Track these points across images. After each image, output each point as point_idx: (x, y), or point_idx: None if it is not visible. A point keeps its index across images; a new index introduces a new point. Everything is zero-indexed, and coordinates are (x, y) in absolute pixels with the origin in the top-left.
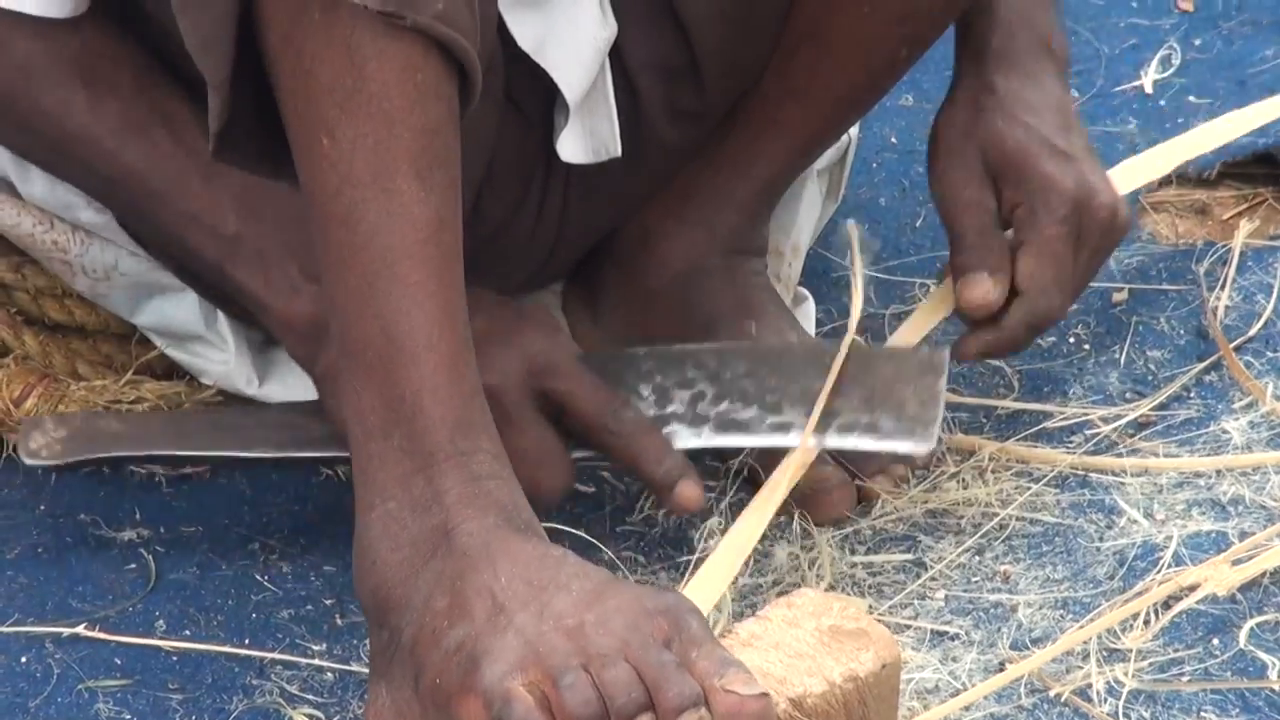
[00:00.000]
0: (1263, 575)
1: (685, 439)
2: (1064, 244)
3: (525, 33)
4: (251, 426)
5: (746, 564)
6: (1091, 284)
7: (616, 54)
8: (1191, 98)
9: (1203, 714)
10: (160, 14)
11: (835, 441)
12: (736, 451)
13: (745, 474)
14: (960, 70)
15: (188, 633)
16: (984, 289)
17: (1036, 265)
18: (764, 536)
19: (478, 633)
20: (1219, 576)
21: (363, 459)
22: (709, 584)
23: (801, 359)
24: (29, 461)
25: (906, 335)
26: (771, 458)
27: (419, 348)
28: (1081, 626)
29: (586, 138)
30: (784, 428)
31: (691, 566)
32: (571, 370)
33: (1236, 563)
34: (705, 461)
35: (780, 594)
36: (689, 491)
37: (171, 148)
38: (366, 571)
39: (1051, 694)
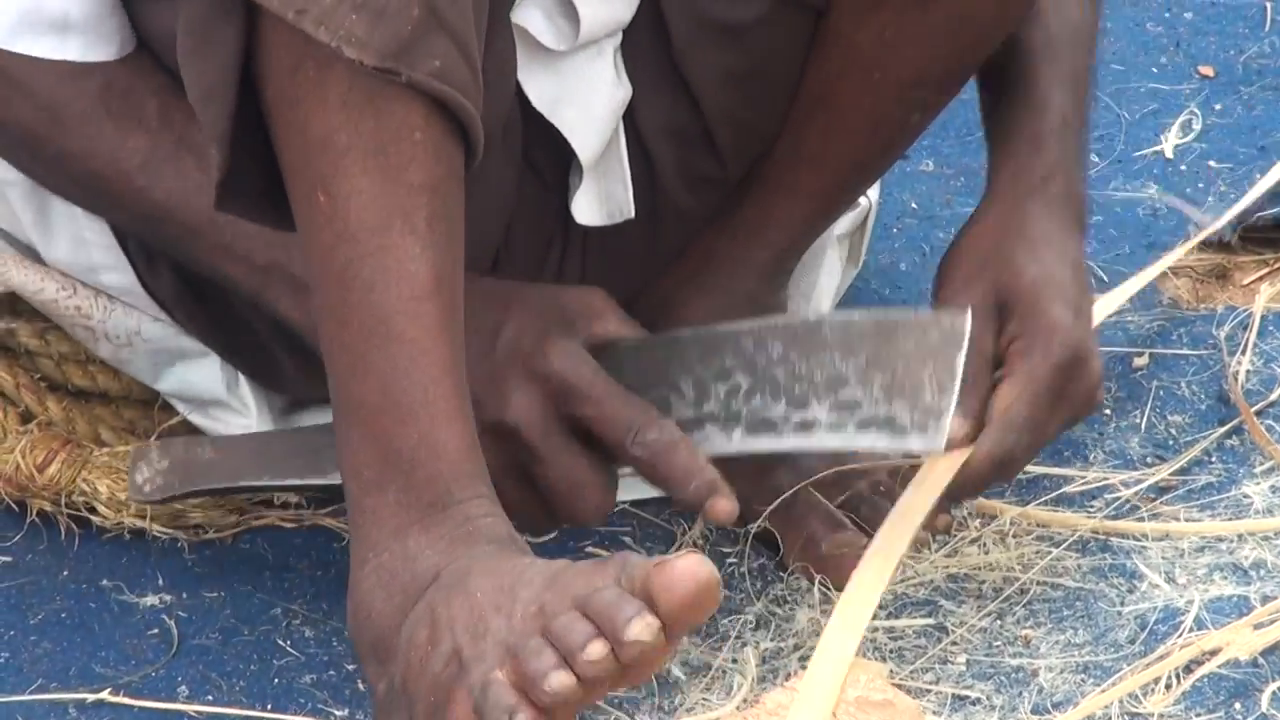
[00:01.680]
0: None
1: (718, 444)
2: (1048, 390)
3: (540, 93)
4: (330, 447)
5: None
6: (1113, 348)
7: (630, 118)
8: (1212, 163)
9: None
10: (167, 56)
11: (853, 440)
12: (756, 515)
13: (762, 536)
14: (994, 190)
15: (210, 698)
16: (959, 424)
17: (1016, 401)
18: (784, 601)
19: (460, 645)
20: (1241, 640)
21: (357, 514)
22: (860, 600)
23: (832, 337)
24: (136, 499)
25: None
26: (788, 520)
27: (415, 404)
28: (1103, 691)
29: (602, 199)
30: (808, 426)
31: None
32: (591, 391)
33: (1258, 627)
34: (720, 531)
35: (802, 659)
36: (721, 507)
37: (200, 180)
38: (363, 626)
39: None
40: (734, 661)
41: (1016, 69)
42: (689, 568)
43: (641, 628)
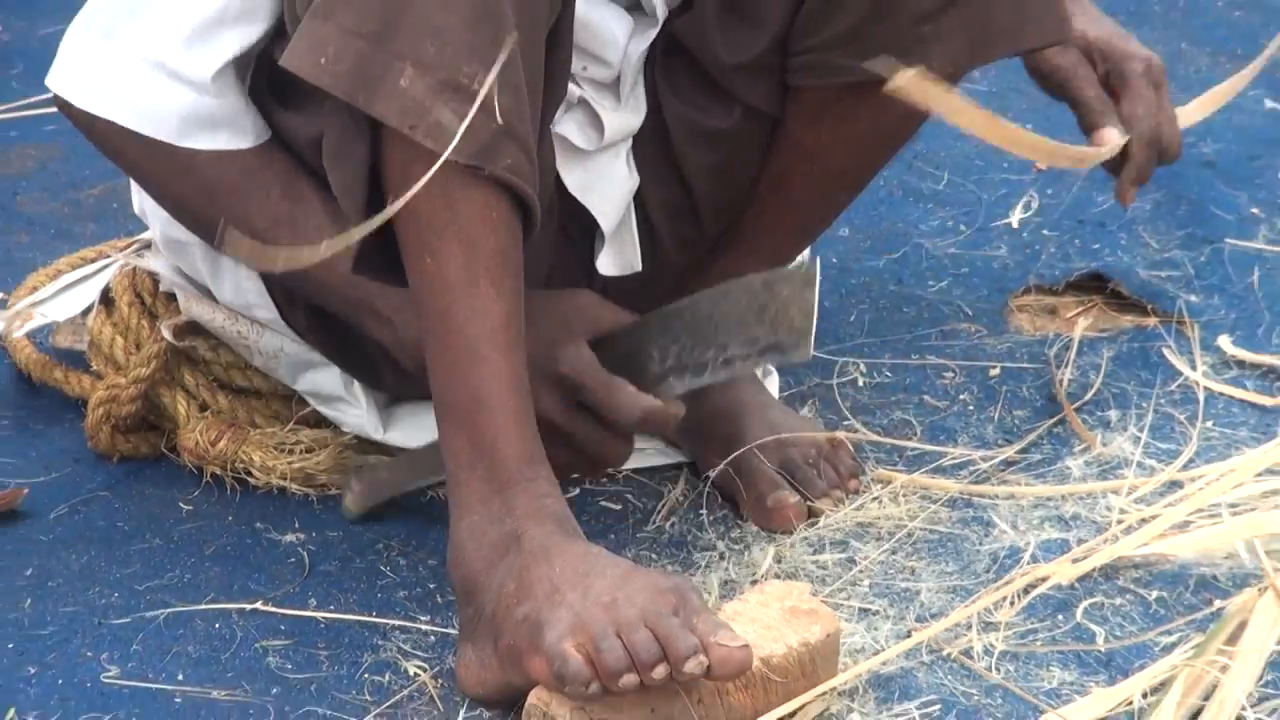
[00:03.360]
0: (1093, 570)
1: (678, 388)
2: (1147, 88)
3: (574, 181)
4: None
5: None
6: (975, 363)
7: (639, 198)
8: (1045, 231)
9: (1050, 669)
10: (293, 146)
11: (758, 364)
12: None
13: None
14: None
15: (332, 607)
16: (1116, 135)
17: (1135, 107)
18: (740, 540)
19: (539, 607)
20: (1062, 571)
21: (454, 485)
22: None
23: (737, 296)
24: (349, 515)
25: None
26: (742, 482)
27: (495, 406)
28: (966, 606)
29: (617, 257)
30: (729, 362)
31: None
32: (588, 383)
33: (1075, 561)
34: (693, 492)
35: (753, 582)
36: (670, 410)
37: (310, 237)
38: (457, 564)
39: (944, 653)
40: (703, 583)
41: None
42: (742, 659)
43: (695, 665)
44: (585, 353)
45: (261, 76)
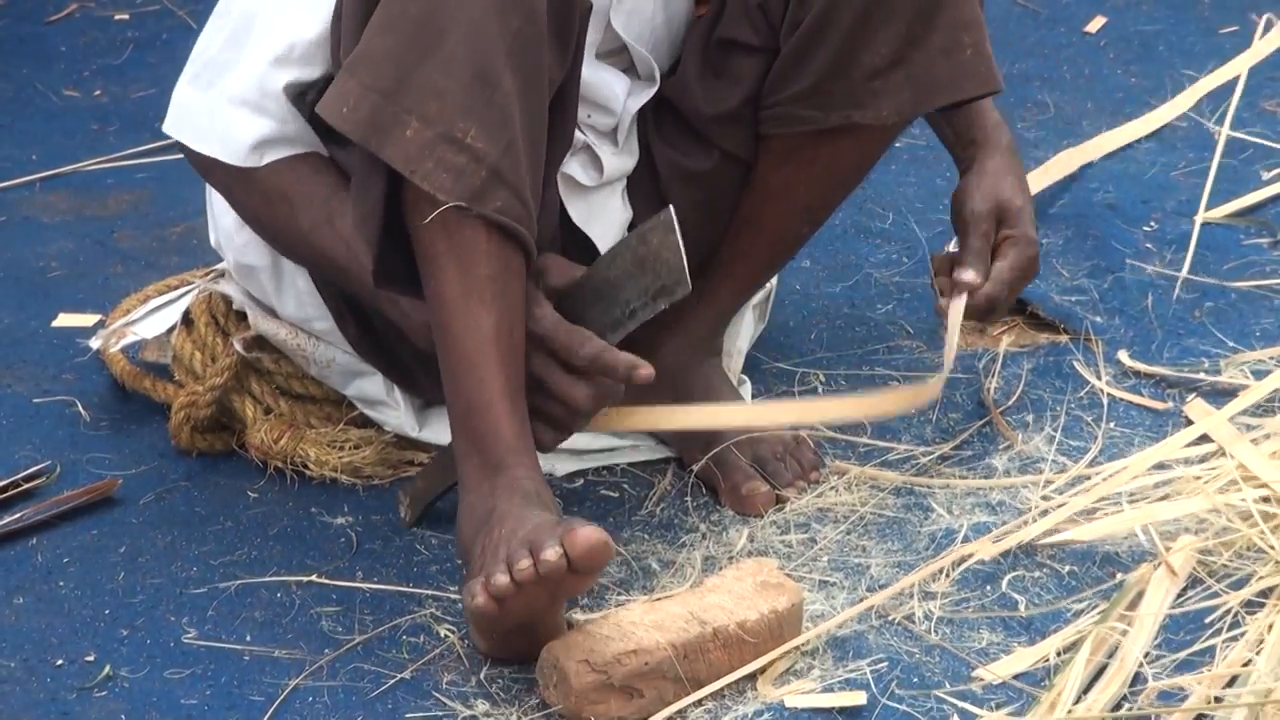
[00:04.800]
0: (1015, 548)
1: (620, 335)
2: (1020, 266)
3: (577, 212)
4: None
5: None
6: (914, 374)
7: (631, 227)
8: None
9: (980, 631)
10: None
11: (660, 306)
12: (697, 460)
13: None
14: (968, 157)
15: (375, 579)
16: (973, 274)
17: (1006, 270)
18: (719, 523)
19: (486, 557)
20: (987, 549)
21: (460, 473)
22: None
23: (641, 254)
24: (405, 524)
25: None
26: (719, 473)
27: (484, 406)
28: (908, 578)
29: None
30: (648, 305)
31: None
32: (553, 336)
33: (997, 540)
34: (679, 482)
35: (730, 560)
36: (642, 372)
37: (346, 239)
38: (459, 537)
39: (890, 619)
40: (688, 560)
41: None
42: (590, 534)
43: (552, 554)
44: (548, 311)
45: (320, 119)
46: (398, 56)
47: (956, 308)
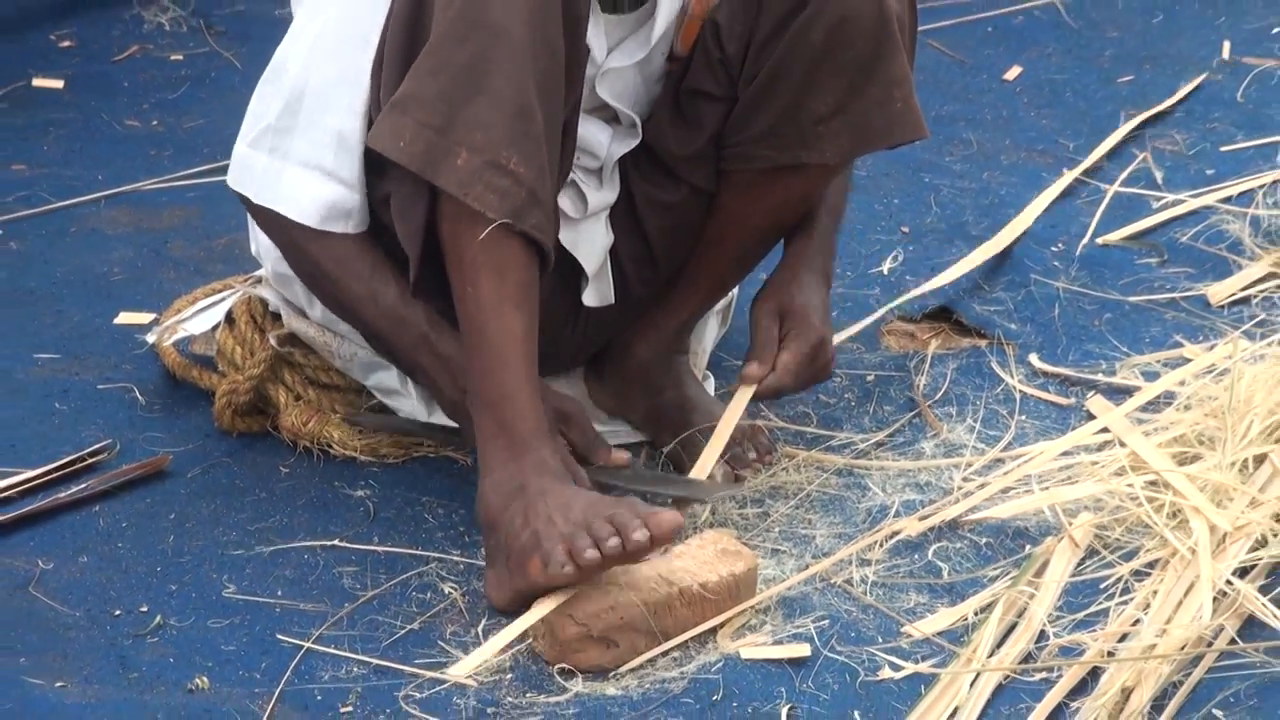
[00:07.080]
0: (940, 523)
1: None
2: (805, 358)
3: (566, 238)
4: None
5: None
6: (858, 371)
7: (613, 250)
8: (908, 277)
9: (909, 594)
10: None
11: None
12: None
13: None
14: (785, 260)
15: (390, 544)
16: (756, 369)
17: (786, 362)
18: (692, 502)
19: (537, 529)
20: (914, 525)
21: (482, 452)
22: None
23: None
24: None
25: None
26: (689, 456)
27: (512, 395)
28: (848, 547)
29: (597, 293)
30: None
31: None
32: (569, 419)
33: (923, 518)
34: (650, 450)
35: (694, 530)
36: (618, 457)
37: (388, 297)
38: (483, 508)
39: (832, 582)
40: None
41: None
42: (672, 518)
43: (640, 534)
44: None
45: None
46: (448, 97)
47: (740, 398)
